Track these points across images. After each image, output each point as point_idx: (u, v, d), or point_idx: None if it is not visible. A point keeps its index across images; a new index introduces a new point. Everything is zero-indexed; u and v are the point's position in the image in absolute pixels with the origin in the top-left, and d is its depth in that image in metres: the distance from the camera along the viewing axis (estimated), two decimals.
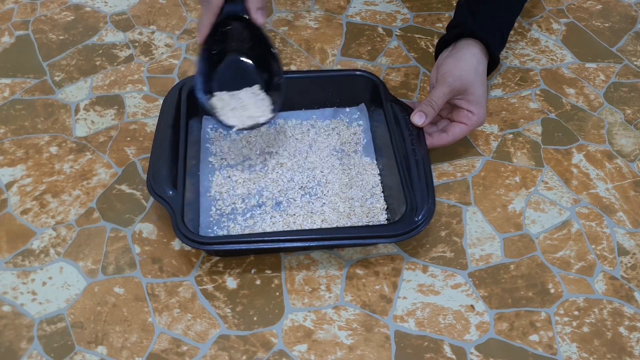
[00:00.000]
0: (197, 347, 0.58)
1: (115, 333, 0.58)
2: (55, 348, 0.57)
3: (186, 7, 0.90)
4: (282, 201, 0.66)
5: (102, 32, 0.86)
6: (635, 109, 0.80)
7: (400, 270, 0.63)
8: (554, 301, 0.62)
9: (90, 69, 0.81)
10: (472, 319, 0.60)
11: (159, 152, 0.64)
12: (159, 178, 0.62)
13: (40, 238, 0.65)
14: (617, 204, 0.70)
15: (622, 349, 0.59)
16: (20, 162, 0.71)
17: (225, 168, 0.69)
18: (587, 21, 0.91)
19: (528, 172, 0.72)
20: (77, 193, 0.68)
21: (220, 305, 0.60)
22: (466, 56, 0.70)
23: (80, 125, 0.75)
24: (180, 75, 0.80)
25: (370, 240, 0.61)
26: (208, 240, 0.58)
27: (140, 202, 0.68)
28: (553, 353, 0.58)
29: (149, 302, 0.60)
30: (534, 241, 0.66)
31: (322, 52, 0.84)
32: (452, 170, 0.72)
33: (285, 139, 0.72)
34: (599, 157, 0.74)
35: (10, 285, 0.61)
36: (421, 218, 0.60)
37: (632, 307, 0.62)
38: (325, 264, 0.63)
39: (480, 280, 0.63)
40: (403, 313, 0.60)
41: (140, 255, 0.64)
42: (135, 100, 0.77)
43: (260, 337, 0.58)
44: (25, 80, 0.79)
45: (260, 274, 0.63)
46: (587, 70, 0.84)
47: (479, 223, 0.67)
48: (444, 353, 0.58)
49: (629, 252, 0.66)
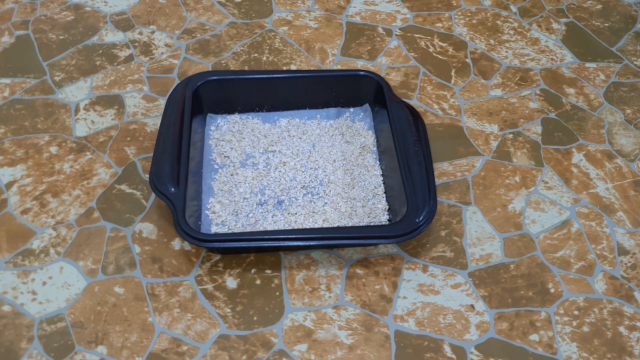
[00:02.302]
0: (197, 347, 0.58)
1: (115, 333, 0.58)
2: (55, 348, 0.57)
3: (186, 7, 0.90)
4: (284, 200, 0.66)
5: (102, 32, 0.86)
6: (635, 109, 0.80)
7: (400, 270, 0.63)
8: (554, 301, 0.62)
9: (90, 69, 0.81)
10: (472, 318, 0.60)
11: (162, 149, 0.64)
12: (161, 175, 0.62)
13: (40, 238, 0.64)
14: (617, 203, 0.70)
15: (622, 348, 0.59)
16: (20, 162, 0.71)
17: (228, 166, 0.69)
18: (587, 21, 0.91)
19: (528, 172, 0.72)
20: (77, 193, 0.68)
21: (220, 305, 0.60)
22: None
23: (80, 125, 0.75)
24: (180, 75, 0.80)
25: (372, 241, 0.61)
26: (209, 238, 0.59)
27: (140, 202, 0.68)
28: (553, 352, 0.58)
29: (149, 302, 0.60)
30: (534, 241, 0.66)
31: (322, 52, 0.84)
32: (452, 170, 0.72)
33: (289, 138, 0.72)
34: (599, 156, 0.74)
35: (10, 285, 0.61)
36: (422, 219, 0.60)
37: (632, 306, 0.62)
38: (326, 264, 0.63)
39: (480, 280, 0.63)
40: (403, 313, 0.60)
41: (140, 255, 0.64)
42: (135, 100, 0.77)
43: (260, 337, 0.58)
44: (25, 80, 0.79)
45: (260, 273, 0.63)
46: (587, 70, 0.84)
47: (479, 223, 0.67)
48: (444, 353, 0.58)
49: (629, 252, 0.66)
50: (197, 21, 0.88)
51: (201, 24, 0.87)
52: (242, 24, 0.88)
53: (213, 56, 0.83)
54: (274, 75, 0.74)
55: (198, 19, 0.88)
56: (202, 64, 0.82)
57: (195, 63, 0.82)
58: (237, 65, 0.82)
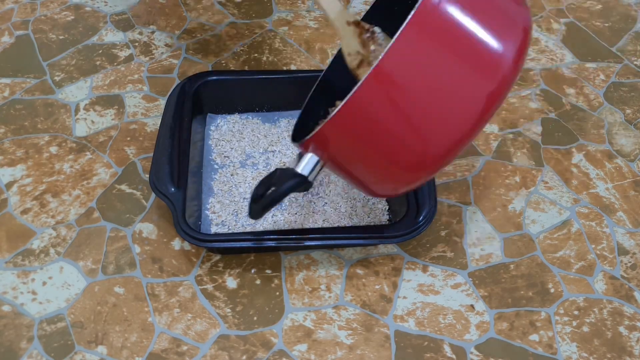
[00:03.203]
0: (197, 347, 0.58)
1: (115, 333, 0.58)
2: (55, 348, 0.57)
3: (186, 7, 0.90)
4: (283, 200, 0.66)
5: (102, 32, 0.86)
6: (635, 109, 0.80)
7: (400, 270, 0.63)
8: (554, 301, 0.62)
9: (90, 69, 0.81)
10: (472, 318, 0.60)
11: (162, 150, 0.64)
12: (161, 175, 0.62)
13: (40, 238, 0.65)
14: (617, 203, 0.70)
15: (622, 348, 0.59)
16: (20, 162, 0.71)
17: (228, 166, 0.69)
18: (587, 21, 0.91)
19: (528, 172, 0.72)
20: (77, 193, 0.68)
21: (220, 305, 0.60)
22: None
23: (80, 125, 0.75)
24: (180, 75, 0.80)
25: (372, 241, 0.61)
26: (209, 238, 0.59)
27: (140, 202, 0.68)
28: (553, 353, 0.58)
29: (149, 302, 0.60)
30: (534, 241, 0.66)
31: (322, 52, 0.84)
32: (452, 170, 0.72)
33: (289, 138, 0.72)
34: (599, 156, 0.74)
35: (10, 285, 0.61)
36: (422, 219, 0.60)
37: (632, 306, 0.62)
38: (325, 264, 0.63)
39: (480, 280, 0.63)
40: (403, 313, 0.60)
41: (140, 255, 0.64)
42: (135, 100, 0.77)
43: (260, 337, 0.58)
44: (25, 80, 0.79)
45: (260, 273, 0.63)
46: (587, 70, 0.84)
47: (479, 223, 0.67)
48: (444, 353, 0.58)
49: (629, 252, 0.66)
50: (197, 21, 0.88)
51: (201, 24, 0.87)
52: (242, 24, 0.88)
53: (213, 56, 0.83)
54: (274, 76, 0.74)
55: (198, 19, 0.88)
56: (202, 64, 0.82)
57: (195, 63, 0.82)
58: (237, 65, 0.82)
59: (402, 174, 0.51)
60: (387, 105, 0.47)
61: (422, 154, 0.49)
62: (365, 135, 0.49)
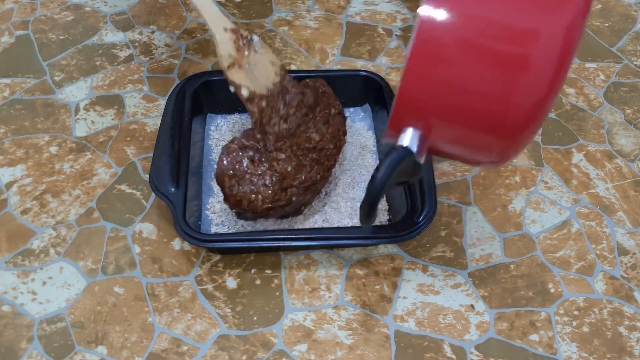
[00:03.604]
0: (197, 347, 0.58)
1: (115, 333, 0.58)
2: (55, 348, 0.57)
3: (186, 7, 0.90)
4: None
5: (102, 32, 0.86)
6: (635, 109, 0.80)
7: (400, 270, 0.63)
8: (554, 301, 0.62)
9: (90, 69, 0.81)
10: (472, 318, 0.60)
11: (162, 149, 0.64)
12: (161, 175, 0.62)
13: (40, 238, 0.65)
14: (617, 203, 0.70)
15: (622, 348, 0.59)
16: (20, 162, 0.71)
17: None
18: None
19: (528, 172, 0.72)
20: (77, 193, 0.68)
21: (220, 305, 0.60)
22: None
23: (80, 125, 0.75)
24: (180, 75, 0.80)
25: (372, 241, 0.61)
26: (209, 238, 0.59)
27: (140, 202, 0.68)
28: (553, 353, 0.58)
29: (149, 302, 0.60)
30: (534, 241, 0.66)
31: (322, 52, 0.84)
32: (452, 170, 0.72)
33: None
34: (599, 156, 0.74)
35: (10, 285, 0.61)
36: (422, 219, 0.60)
37: (632, 306, 0.62)
38: (325, 264, 0.63)
39: (480, 280, 0.63)
40: (403, 313, 0.60)
41: (140, 255, 0.64)
42: (135, 100, 0.77)
43: (260, 337, 0.58)
44: (25, 80, 0.79)
45: (260, 273, 0.63)
46: (587, 70, 0.84)
47: (479, 223, 0.67)
48: (444, 353, 0.58)
49: (629, 252, 0.66)
50: (197, 21, 0.88)
51: (201, 24, 0.87)
52: (242, 24, 0.88)
53: (213, 56, 0.83)
54: None
55: (198, 19, 0.88)
56: (202, 64, 0.82)
57: (195, 63, 0.82)
58: None
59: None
60: (456, 35, 0.43)
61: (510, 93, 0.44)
62: (447, 80, 0.45)
